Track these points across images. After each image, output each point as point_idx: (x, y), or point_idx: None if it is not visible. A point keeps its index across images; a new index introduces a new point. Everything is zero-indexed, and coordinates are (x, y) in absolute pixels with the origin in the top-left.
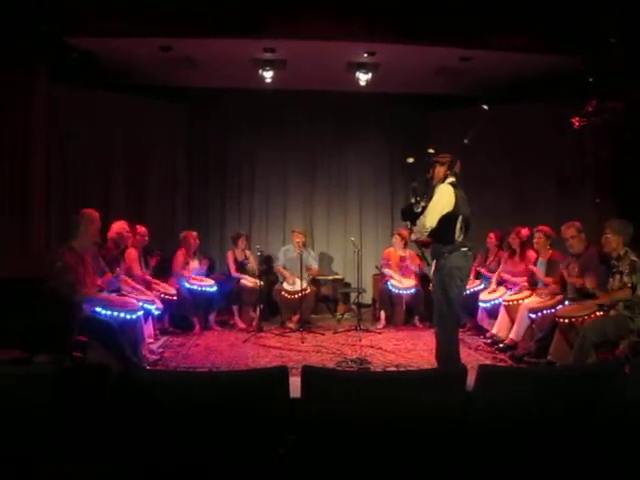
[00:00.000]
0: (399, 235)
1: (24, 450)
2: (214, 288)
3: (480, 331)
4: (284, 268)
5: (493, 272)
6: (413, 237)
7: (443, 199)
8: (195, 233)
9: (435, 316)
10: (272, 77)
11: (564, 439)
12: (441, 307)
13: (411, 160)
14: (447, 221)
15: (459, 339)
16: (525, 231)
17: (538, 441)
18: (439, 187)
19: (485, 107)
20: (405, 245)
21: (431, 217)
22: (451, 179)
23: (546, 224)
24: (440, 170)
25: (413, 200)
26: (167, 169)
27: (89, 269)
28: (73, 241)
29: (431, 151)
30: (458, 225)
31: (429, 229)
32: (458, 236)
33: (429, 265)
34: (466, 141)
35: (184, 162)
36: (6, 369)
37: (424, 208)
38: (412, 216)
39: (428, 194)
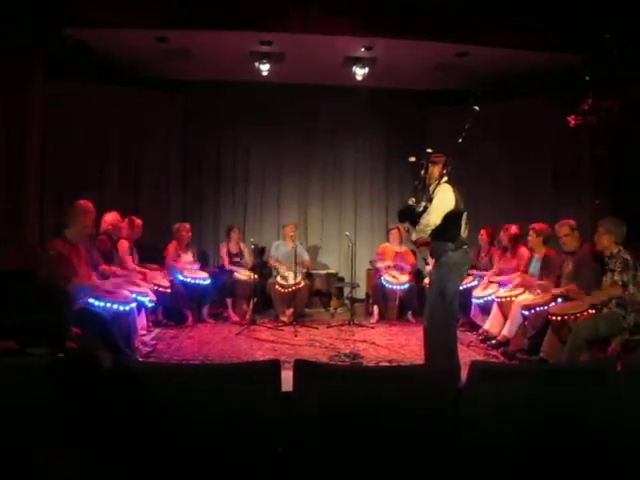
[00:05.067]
0: (397, 230)
1: (18, 442)
2: (207, 281)
3: (473, 327)
4: (277, 262)
5: (485, 269)
6: (414, 237)
7: (446, 197)
8: (188, 225)
9: (426, 311)
10: (269, 70)
11: (556, 437)
12: (434, 303)
13: (413, 159)
14: (452, 218)
15: (457, 335)
16: (514, 228)
17: (530, 438)
18: (441, 186)
19: (476, 108)
20: (401, 241)
21: (436, 215)
22: (445, 178)
23: (542, 221)
24: (435, 170)
25: (411, 201)
26: (162, 161)
27: (82, 260)
28: (66, 231)
29: (429, 150)
30: (463, 222)
31: (433, 227)
32: (463, 232)
33: (426, 263)
34: (460, 140)
35: (179, 154)
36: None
37: (425, 208)
38: (413, 216)
39: (427, 195)
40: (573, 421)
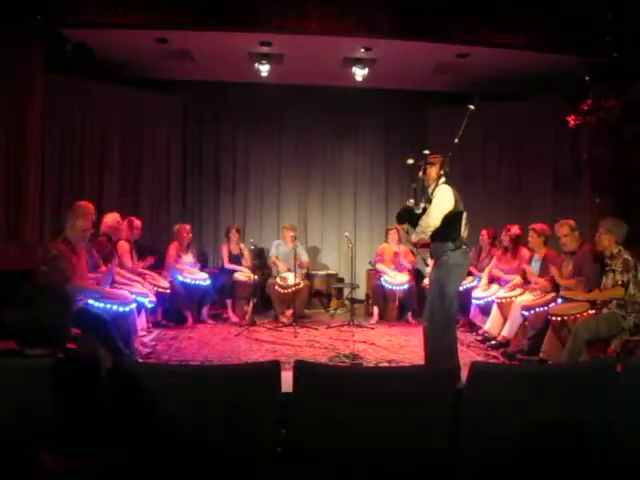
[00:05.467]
0: (396, 230)
1: (18, 443)
2: (207, 282)
3: (473, 328)
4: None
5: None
6: (415, 238)
7: (445, 198)
8: (188, 226)
9: (426, 312)
10: (268, 71)
11: (556, 437)
12: (434, 303)
13: (411, 162)
14: (452, 219)
15: (456, 336)
16: (515, 229)
17: (530, 439)
18: (439, 187)
19: (471, 107)
20: (400, 241)
21: (435, 216)
22: (444, 178)
23: (542, 222)
24: (432, 171)
25: (410, 203)
26: (162, 162)
27: (82, 261)
28: (67, 232)
29: (426, 152)
30: (463, 222)
31: (434, 228)
32: (463, 232)
33: (427, 265)
34: (456, 140)
35: (179, 155)
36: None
37: (424, 210)
38: (412, 218)
39: (425, 196)
40: (573, 422)
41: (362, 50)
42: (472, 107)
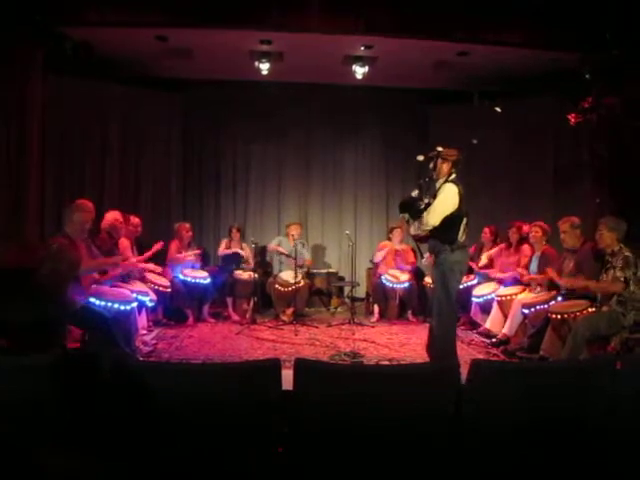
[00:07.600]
0: (400, 228)
1: (18, 442)
2: (208, 280)
3: (473, 326)
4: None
5: (486, 267)
6: (412, 231)
7: (448, 199)
8: (188, 224)
9: (434, 311)
10: (269, 69)
11: (556, 435)
12: (441, 302)
13: (421, 158)
14: (451, 221)
15: (456, 334)
16: (527, 227)
17: (530, 436)
18: (444, 186)
19: (498, 109)
20: (402, 240)
21: (435, 216)
22: (453, 176)
23: (543, 219)
24: (444, 166)
25: (415, 194)
26: (162, 160)
27: (83, 256)
28: (66, 228)
29: (440, 149)
30: (462, 226)
31: (431, 227)
32: (461, 236)
33: (422, 257)
34: (475, 141)
35: (179, 153)
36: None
37: (427, 205)
38: (413, 210)
39: (431, 191)
40: (573, 419)
41: (362, 48)
42: (499, 109)
